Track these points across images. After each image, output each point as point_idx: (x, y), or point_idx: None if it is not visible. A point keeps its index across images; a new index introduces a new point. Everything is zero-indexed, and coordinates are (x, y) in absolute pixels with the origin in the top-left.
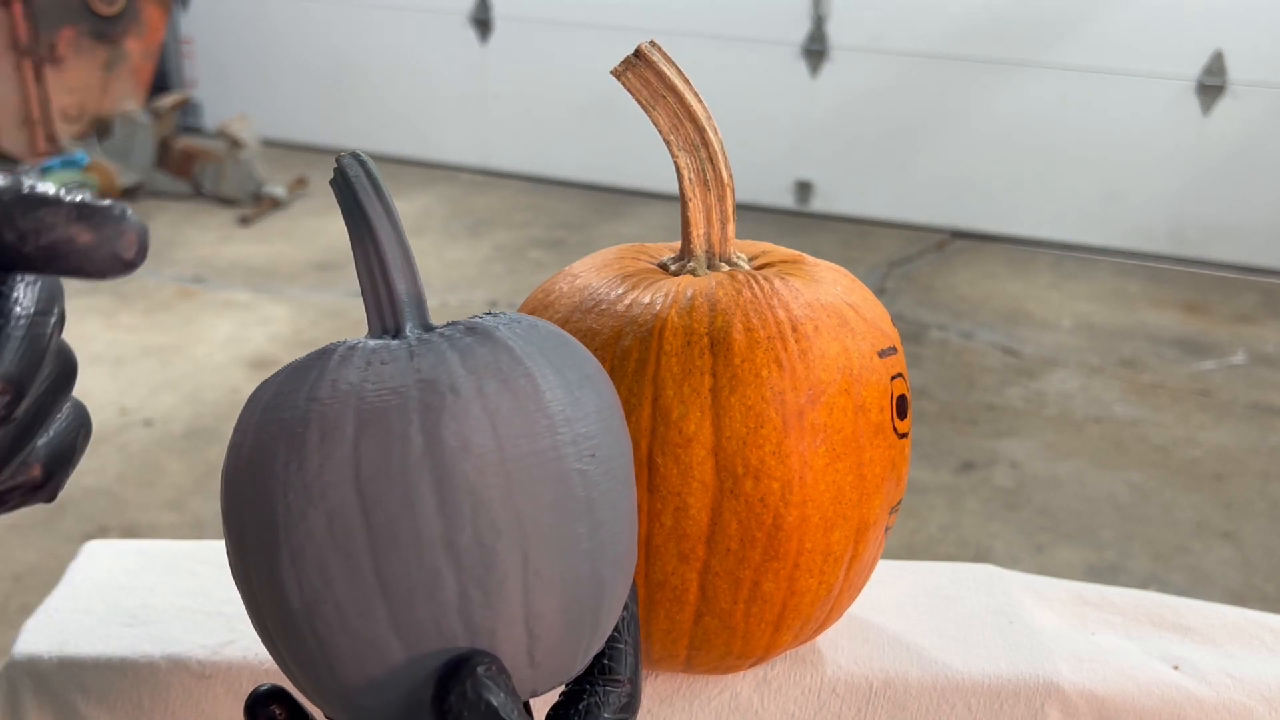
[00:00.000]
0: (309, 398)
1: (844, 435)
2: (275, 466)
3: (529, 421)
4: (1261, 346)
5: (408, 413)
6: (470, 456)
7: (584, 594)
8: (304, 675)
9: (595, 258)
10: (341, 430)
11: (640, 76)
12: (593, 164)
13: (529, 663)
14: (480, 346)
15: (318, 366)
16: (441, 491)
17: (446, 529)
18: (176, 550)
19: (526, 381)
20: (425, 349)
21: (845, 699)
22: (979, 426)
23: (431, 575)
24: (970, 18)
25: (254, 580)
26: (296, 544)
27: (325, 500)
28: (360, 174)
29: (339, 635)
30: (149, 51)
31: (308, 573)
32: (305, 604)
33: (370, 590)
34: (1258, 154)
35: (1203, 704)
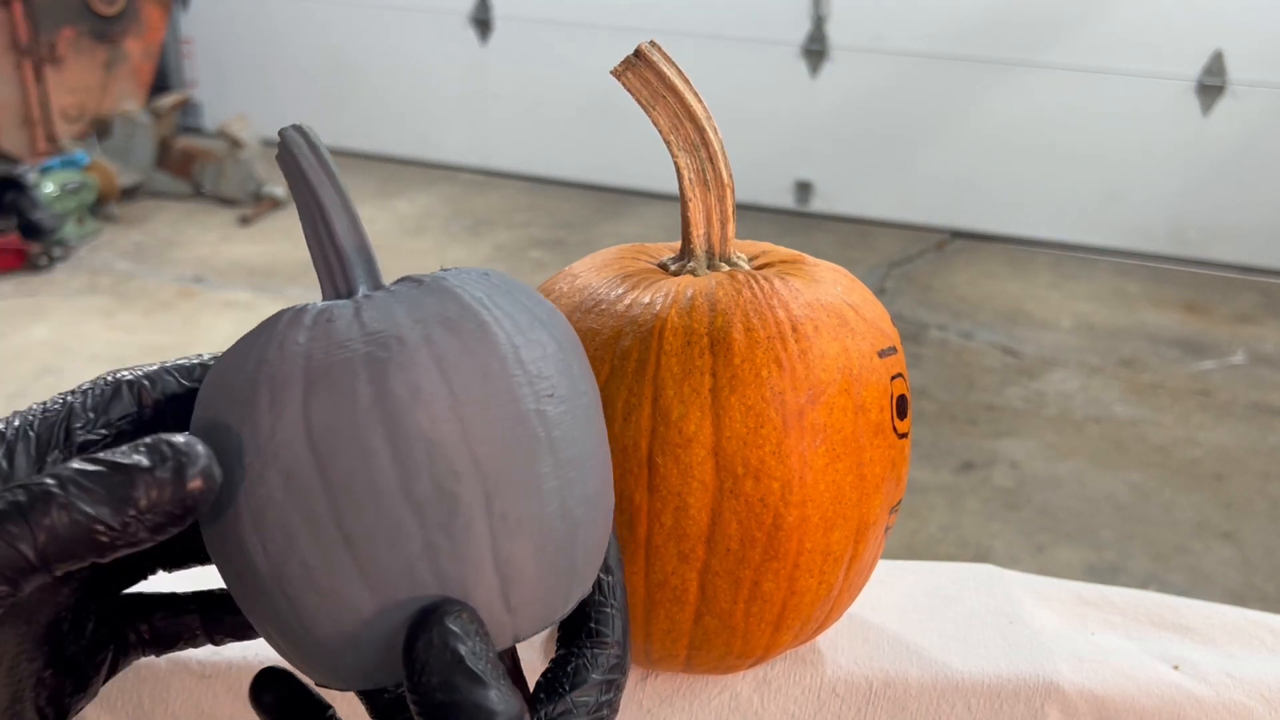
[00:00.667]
0: (258, 361)
1: (844, 435)
2: (230, 433)
3: (480, 365)
4: (1261, 346)
5: (354, 366)
6: (420, 404)
7: (556, 534)
8: (283, 640)
9: (595, 258)
10: (291, 390)
11: (640, 76)
12: (593, 164)
13: (505, 607)
14: (426, 297)
15: (266, 332)
16: (394, 441)
17: (403, 478)
18: None
19: (475, 326)
20: (370, 304)
21: (845, 699)
22: (979, 426)
23: (393, 525)
24: (970, 18)
25: (225, 551)
26: (257, 507)
27: (279, 460)
28: (301, 143)
29: (308, 593)
30: (149, 51)
31: (271, 534)
32: (272, 565)
33: (335, 545)
34: (1258, 154)
35: (1203, 704)
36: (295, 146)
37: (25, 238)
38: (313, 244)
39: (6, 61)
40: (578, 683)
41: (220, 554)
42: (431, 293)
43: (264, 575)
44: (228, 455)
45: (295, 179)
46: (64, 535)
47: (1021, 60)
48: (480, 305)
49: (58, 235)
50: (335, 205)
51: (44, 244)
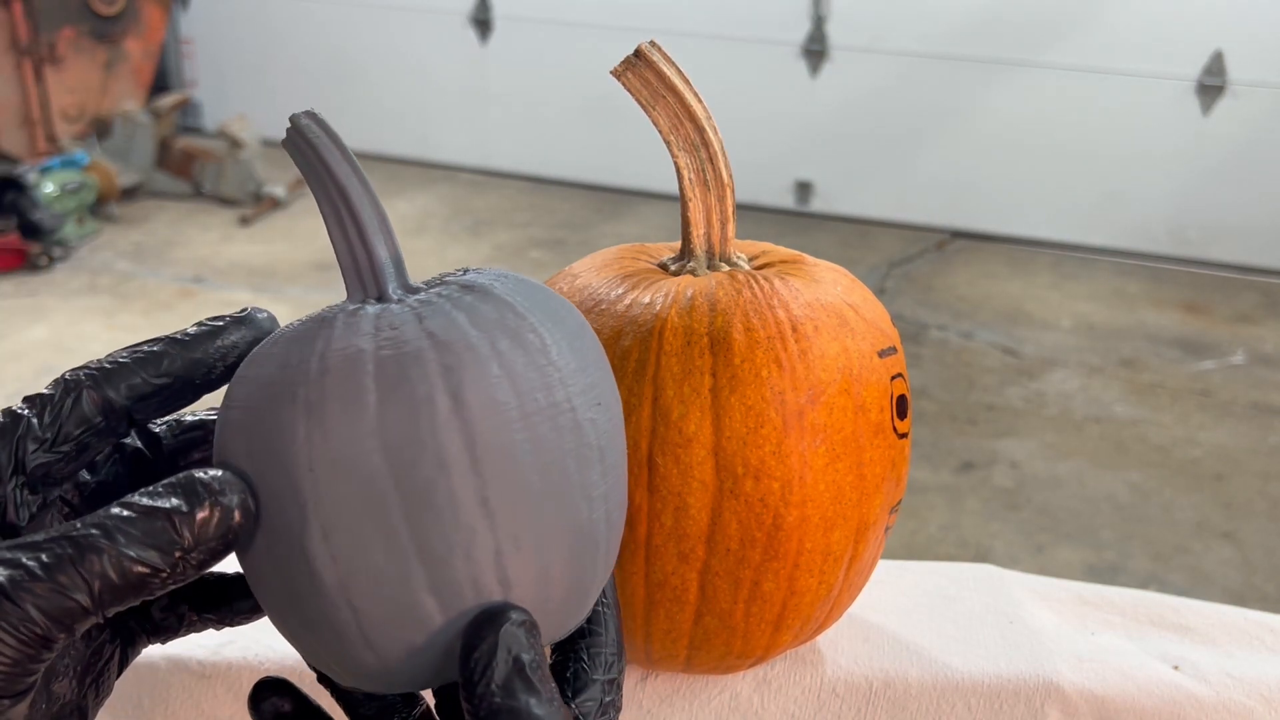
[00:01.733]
0: (321, 368)
1: (844, 435)
2: (297, 443)
3: (543, 375)
4: (1261, 346)
5: (429, 375)
6: (496, 414)
7: (599, 537)
8: (329, 648)
9: (595, 258)
10: (363, 398)
11: (640, 76)
12: (593, 164)
13: (544, 613)
14: (483, 304)
15: (323, 335)
16: (473, 451)
17: (480, 488)
18: None
19: (534, 336)
20: (431, 310)
21: (845, 699)
22: (979, 426)
23: (468, 534)
24: (970, 18)
25: (275, 560)
26: (328, 518)
27: (355, 470)
28: (320, 133)
29: (376, 604)
30: (149, 51)
31: (341, 545)
32: (340, 577)
33: (407, 555)
34: (1258, 154)
35: (1203, 704)
36: (311, 133)
37: (25, 238)
38: (338, 241)
39: (6, 61)
40: (579, 687)
41: (267, 564)
42: (486, 300)
43: (328, 586)
44: (289, 462)
45: (316, 170)
46: (116, 582)
47: (1021, 60)
48: (534, 315)
49: (58, 235)
50: (364, 201)
51: (44, 244)
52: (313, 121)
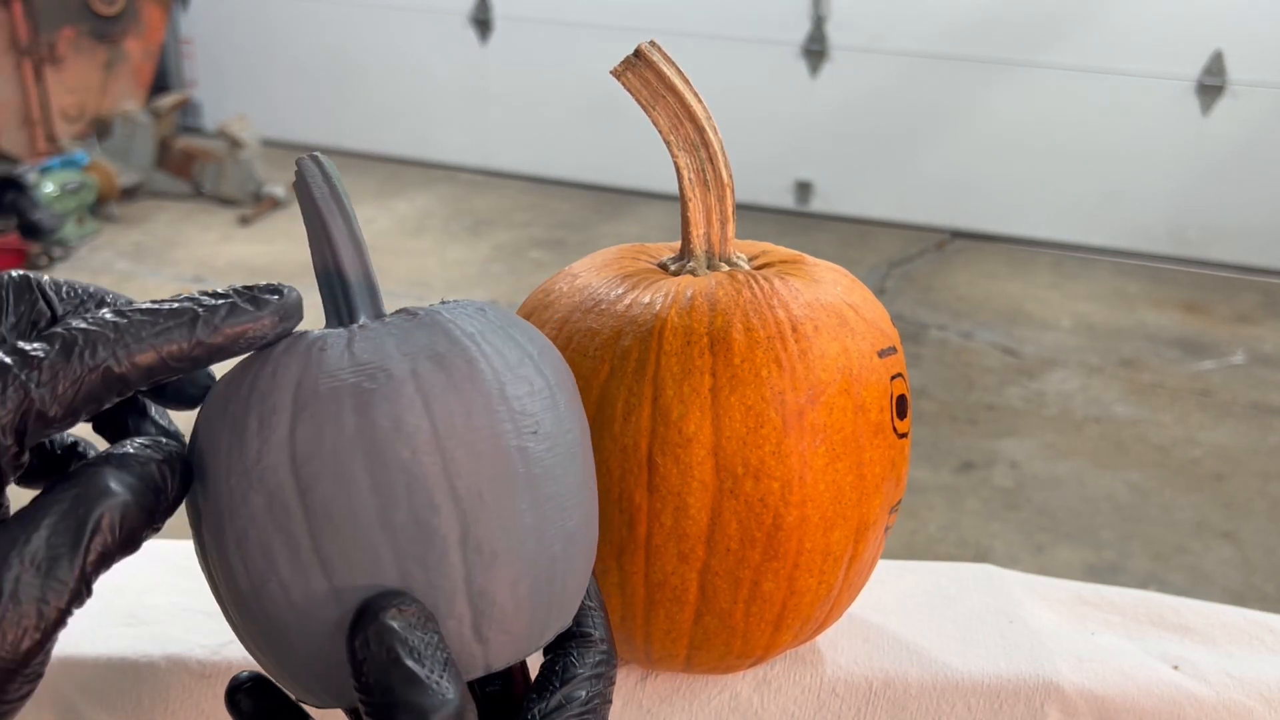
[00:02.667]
0: (251, 387)
1: (844, 435)
2: (220, 453)
3: (464, 401)
4: (1261, 346)
5: (340, 396)
6: (402, 436)
7: (533, 568)
8: (266, 656)
9: (595, 258)
10: (279, 416)
11: (640, 76)
12: (593, 164)
13: (476, 637)
14: (418, 330)
15: (262, 357)
16: (374, 471)
17: (382, 507)
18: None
19: (463, 361)
20: (364, 335)
21: (845, 699)
22: (979, 426)
23: (369, 553)
24: (970, 18)
25: (211, 566)
26: (240, 527)
27: (264, 483)
28: (316, 172)
29: (285, 613)
30: (149, 51)
31: (251, 554)
32: (252, 584)
33: (311, 568)
34: (1258, 154)
35: (1203, 704)
36: (309, 175)
37: (25, 238)
38: (319, 269)
39: (6, 61)
40: (568, 678)
41: (208, 570)
42: (423, 326)
43: (245, 593)
44: (217, 474)
45: (307, 207)
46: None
47: (1022, 60)
48: (470, 341)
49: (58, 235)
50: (343, 235)
51: (44, 244)
52: (313, 163)
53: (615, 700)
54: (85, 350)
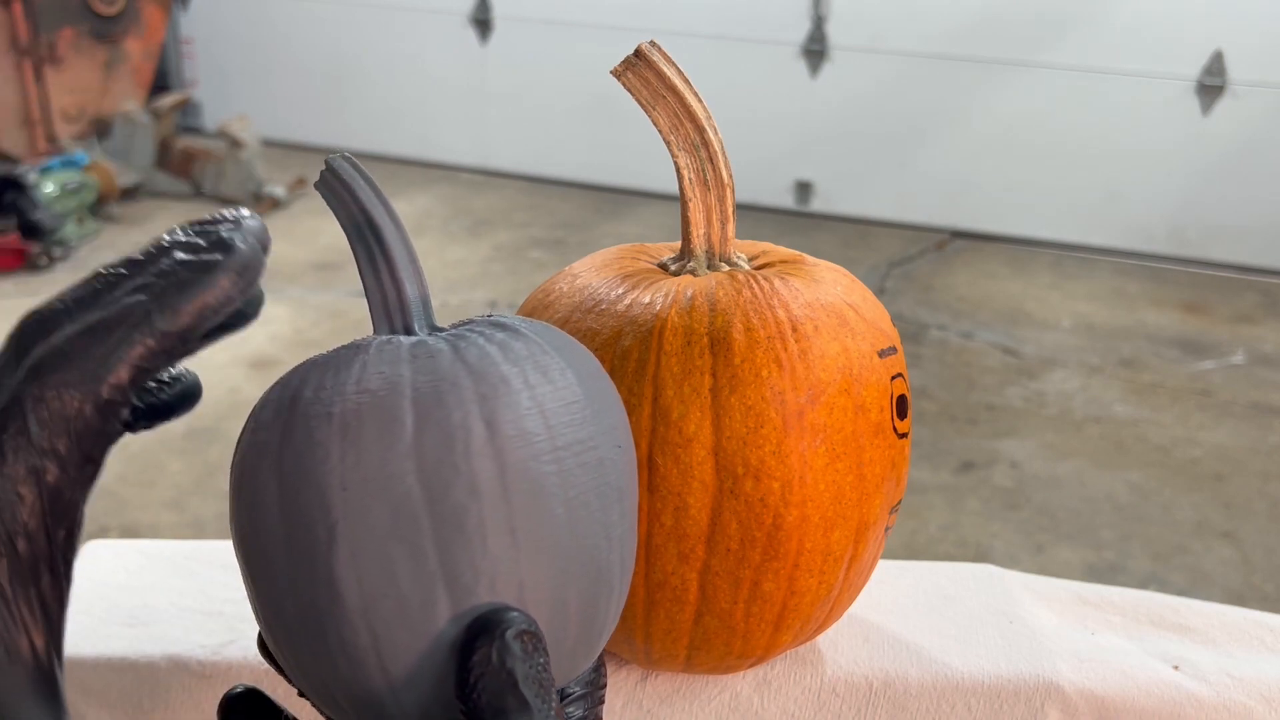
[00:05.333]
0: (359, 390)
1: (844, 435)
2: (330, 462)
3: (571, 411)
4: (1261, 346)
5: (465, 402)
6: (527, 444)
7: (612, 577)
8: (340, 679)
9: (595, 258)
10: (400, 421)
11: (640, 76)
12: (593, 164)
13: (558, 653)
14: (515, 341)
15: (359, 360)
16: (505, 479)
17: (510, 515)
18: (176, 550)
19: (561, 374)
20: (465, 343)
21: (845, 699)
22: (979, 426)
23: (495, 563)
24: (970, 18)
25: (295, 581)
26: (357, 539)
27: (388, 493)
28: (355, 175)
29: (397, 630)
30: (149, 51)
31: (369, 569)
32: (364, 600)
33: (434, 581)
34: (1258, 154)
35: (1203, 704)
36: (348, 176)
37: (25, 238)
38: (369, 279)
39: (6, 61)
40: (563, 696)
41: (285, 585)
42: (516, 338)
43: (350, 609)
44: (321, 480)
45: (350, 212)
46: None
47: (1022, 60)
48: (560, 356)
49: (58, 235)
50: (397, 242)
51: (44, 244)
52: (347, 163)
53: (615, 700)
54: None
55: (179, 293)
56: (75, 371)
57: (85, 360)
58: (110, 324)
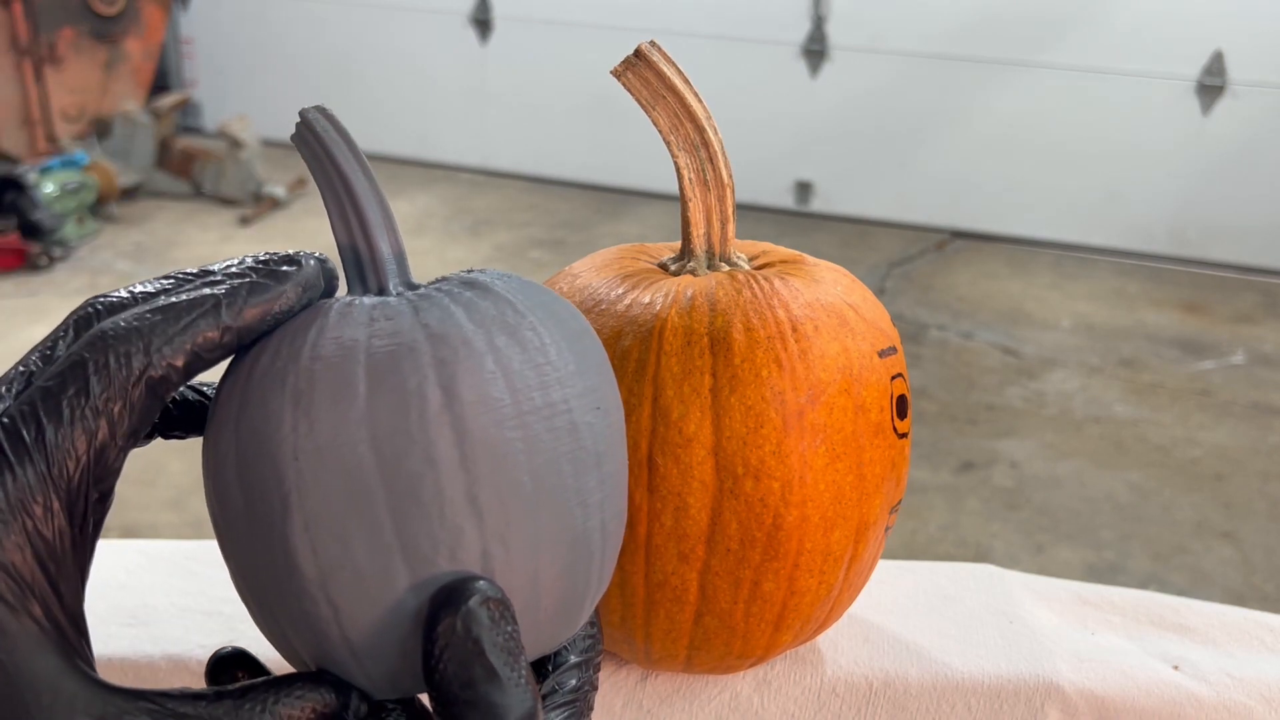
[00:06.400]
0: (312, 356)
1: (844, 435)
2: (283, 431)
3: (539, 375)
4: (1261, 346)
5: (421, 367)
6: (488, 411)
7: (593, 546)
8: (312, 648)
9: (595, 258)
10: (353, 388)
11: (640, 76)
12: (593, 164)
13: (533, 622)
14: (482, 300)
15: (316, 324)
16: (463, 446)
17: (469, 484)
18: (176, 550)
19: (533, 335)
20: (428, 304)
21: (845, 699)
22: (979, 426)
23: (454, 533)
24: (971, 17)
25: (256, 552)
26: (311, 510)
27: (341, 462)
28: (328, 127)
29: (357, 601)
30: (149, 51)
31: (324, 539)
32: (321, 572)
33: (391, 552)
34: (1258, 154)
35: (1203, 704)
36: (320, 127)
37: (25, 238)
38: (341, 235)
39: (6, 61)
40: (558, 664)
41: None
42: (485, 296)
43: (308, 580)
44: (274, 449)
45: (322, 164)
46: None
47: (1021, 60)
48: (534, 314)
49: (58, 235)
50: (369, 196)
51: (44, 244)
52: (321, 115)
53: (615, 700)
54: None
55: (249, 293)
56: (140, 343)
57: (151, 335)
58: (179, 309)
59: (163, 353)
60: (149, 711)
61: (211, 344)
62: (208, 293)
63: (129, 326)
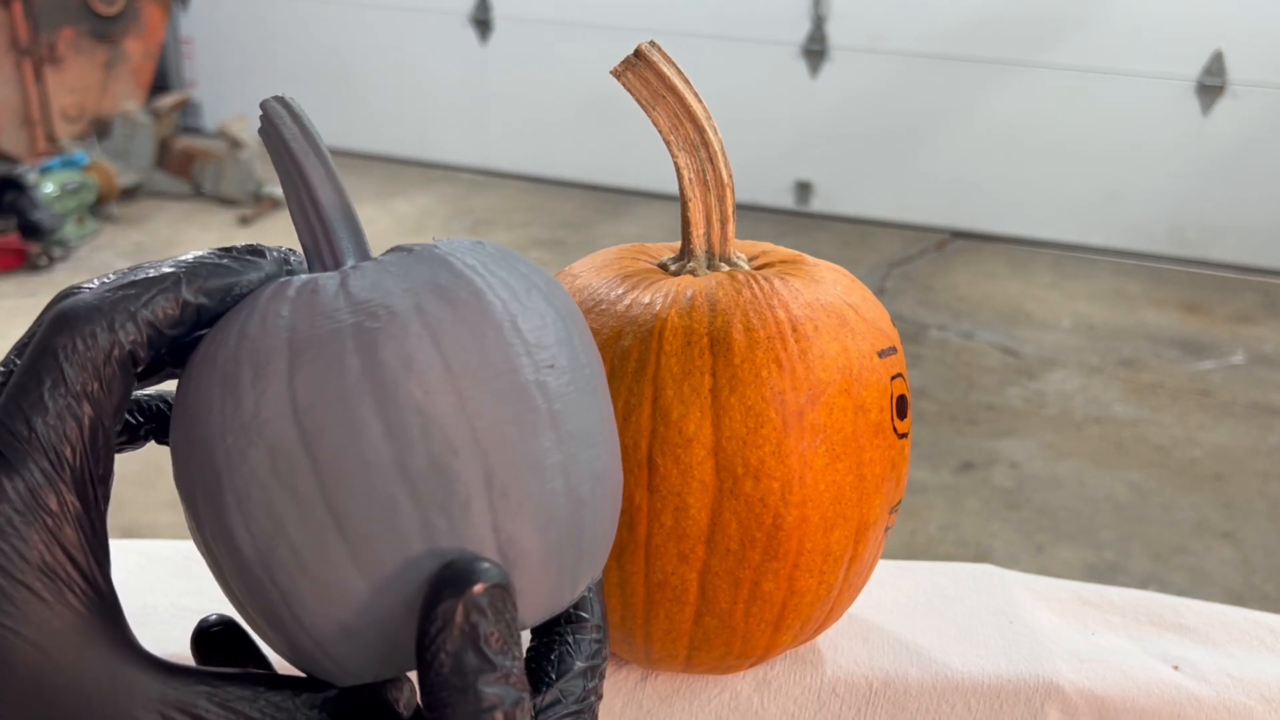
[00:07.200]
0: (240, 336)
1: (844, 435)
2: (212, 411)
3: (476, 334)
4: (1261, 346)
5: (341, 337)
6: (413, 375)
7: (561, 513)
8: (277, 635)
9: (595, 258)
10: (274, 364)
11: (640, 76)
12: (593, 164)
13: None
14: (417, 265)
15: (247, 306)
16: (386, 414)
17: (397, 453)
18: (176, 550)
19: (470, 294)
20: (358, 274)
21: (845, 699)
22: (979, 426)
23: (387, 504)
24: (970, 18)
25: (208, 537)
26: (241, 488)
27: (264, 437)
28: (283, 113)
29: (298, 580)
30: (149, 51)
31: (256, 517)
32: (259, 551)
33: (325, 527)
34: (1258, 154)
35: (1203, 704)
36: (277, 117)
37: (25, 238)
38: (297, 216)
39: (6, 61)
40: (563, 670)
41: (205, 544)
42: (422, 261)
43: (251, 562)
44: (210, 435)
45: (277, 150)
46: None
47: (1022, 60)
48: (474, 273)
49: (58, 235)
50: (319, 174)
51: (44, 244)
52: (278, 104)
53: (615, 700)
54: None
55: (210, 272)
56: (103, 321)
57: (112, 311)
58: (139, 285)
59: (126, 329)
60: (207, 695)
61: (171, 320)
62: (168, 270)
63: (89, 305)
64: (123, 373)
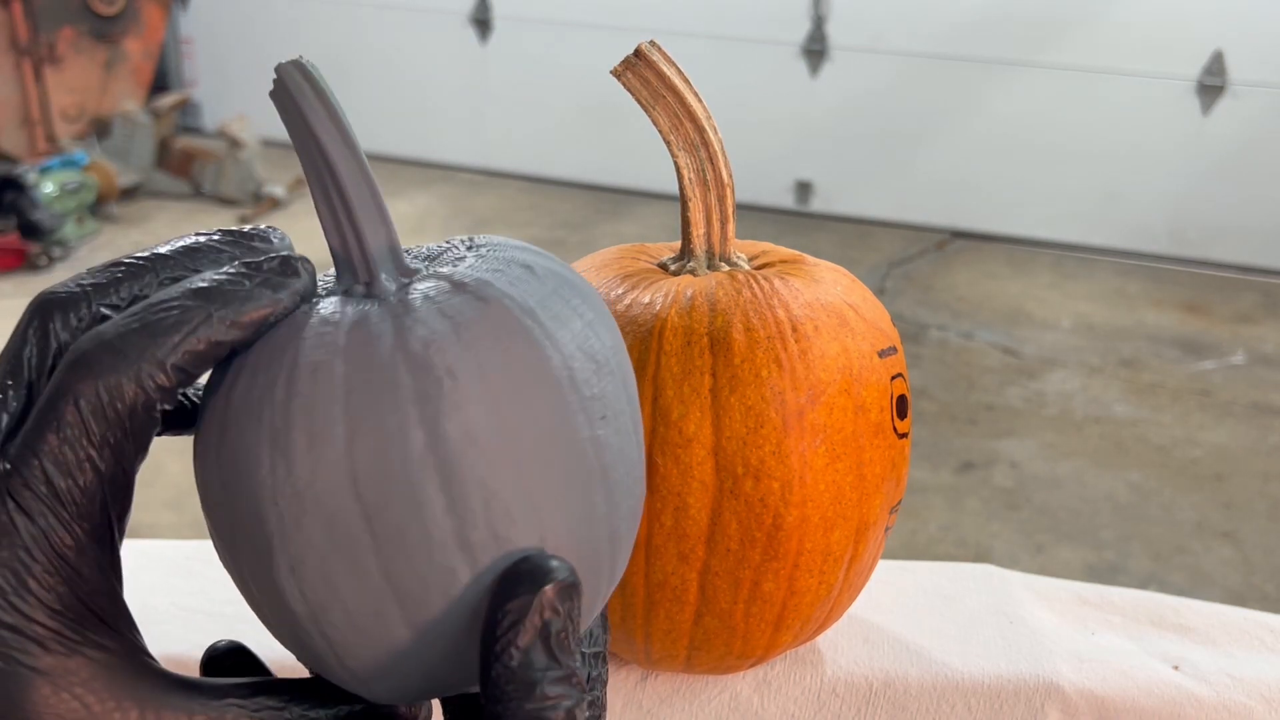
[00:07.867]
0: (288, 391)
1: (844, 435)
2: (260, 469)
3: (535, 402)
4: (1261, 346)
5: (402, 405)
6: (477, 449)
7: (602, 556)
8: (311, 661)
9: (595, 258)
10: (331, 429)
11: (640, 76)
12: (593, 164)
13: None
14: (471, 310)
15: (291, 348)
16: (450, 490)
17: (459, 526)
18: (176, 550)
19: (528, 350)
20: (413, 320)
21: (845, 699)
22: (979, 426)
23: (445, 574)
24: (970, 18)
25: (250, 584)
26: (295, 554)
27: (322, 507)
28: (304, 85)
29: (350, 635)
30: (149, 51)
31: (310, 581)
32: (311, 610)
33: (380, 593)
34: (1258, 154)
35: (1203, 704)
36: (296, 90)
37: (25, 238)
38: (323, 211)
39: (6, 61)
40: None
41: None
42: (477, 304)
43: (300, 616)
44: (260, 495)
45: (299, 131)
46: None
47: (1021, 60)
48: (532, 320)
49: (57, 235)
50: (347, 162)
51: (44, 244)
52: (295, 69)
53: (615, 700)
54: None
55: (242, 303)
56: (130, 371)
57: (140, 361)
58: (166, 326)
59: (155, 378)
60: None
61: (203, 362)
62: (194, 305)
63: (112, 348)
64: (148, 420)
